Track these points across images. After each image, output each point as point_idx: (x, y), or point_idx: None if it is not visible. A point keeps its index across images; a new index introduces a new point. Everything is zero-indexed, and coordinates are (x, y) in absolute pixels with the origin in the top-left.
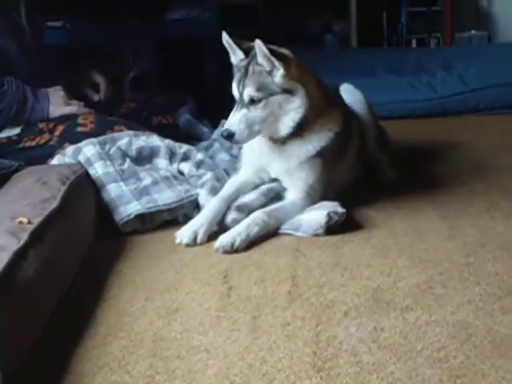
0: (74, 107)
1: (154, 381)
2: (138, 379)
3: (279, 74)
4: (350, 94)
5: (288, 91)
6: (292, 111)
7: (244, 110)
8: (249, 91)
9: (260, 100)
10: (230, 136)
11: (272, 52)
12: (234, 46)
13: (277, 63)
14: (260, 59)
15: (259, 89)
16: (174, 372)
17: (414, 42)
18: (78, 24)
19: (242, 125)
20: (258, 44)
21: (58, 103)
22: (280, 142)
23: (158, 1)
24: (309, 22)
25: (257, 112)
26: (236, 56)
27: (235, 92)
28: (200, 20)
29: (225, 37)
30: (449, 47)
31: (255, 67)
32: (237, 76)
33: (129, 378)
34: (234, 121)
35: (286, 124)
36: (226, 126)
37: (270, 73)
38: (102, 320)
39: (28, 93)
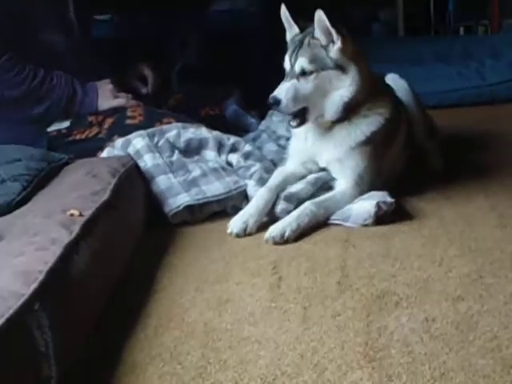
0: (122, 100)
1: (206, 371)
2: (190, 370)
3: (336, 47)
4: (395, 83)
5: (340, 68)
6: (342, 89)
7: (294, 81)
8: (301, 62)
9: (311, 73)
10: (276, 103)
11: (332, 25)
12: (291, 21)
13: (335, 36)
14: (318, 32)
15: (312, 61)
16: (226, 363)
17: (461, 29)
18: (125, 17)
19: (290, 94)
20: (319, 15)
21: (106, 96)
22: (328, 127)
23: None
24: (356, 10)
25: (306, 84)
26: (291, 31)
27: (287, 64)
28: (246, 11)
29: (283, 10)
30: (497, 34)
31: (311, 40)
32: (291, 48)
33: (180, 368)
34: (283, 89)
35: (335, 102)
36: (273, 94)
37: (325, 47)
38: (152, 311)
39: (77, 86)
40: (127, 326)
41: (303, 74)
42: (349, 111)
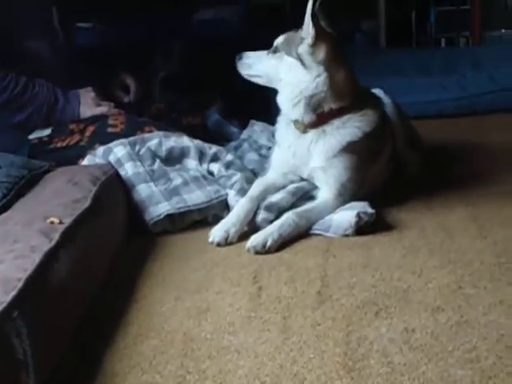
0: (104, 108)
1: (185, 381)
2: (169, 379)
3: (305, 43)
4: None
5: (304, 63)
6: (300, 84)
7: (265, 53)
8: (278, 39)
9: (279, 52)
10: (240, 57)
11: (315, 22)
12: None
13: (311, 31)
14: (304, 25)
15: (284, 43)
16: (205, 372)
17: (443, 41)
18: (107, 25)
19: (254, 59)
20: (309, 3)
21: (88, 104)
22: (302, 130)
23: (187, 2)
24: (337, 21)
25: (270, 59)
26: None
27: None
28: (228, 20)
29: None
30: (478, 46)
31: (299, 30)
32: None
33: (160, 378)
34: (253, 54)
35: (292, 93)
36: (245, 52)
37: (301, 39)
38: (132, 320)
39: (59, 94)
40: (107, 334)
41: (275, 51)
42: (320, 118)
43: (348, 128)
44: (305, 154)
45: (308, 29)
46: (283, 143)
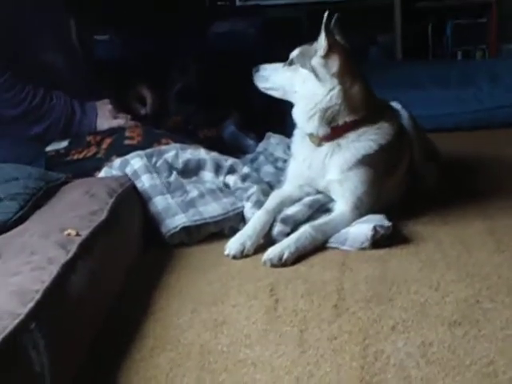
0: (121, 120)
1: None
2: None
3: (318, 55)
4: None
5: (318, 76)
6: (314, 96)
7: (281, 65)
8: (294, 52)
9: (294, 64)
10: (257, 69)
11: (329, 34)
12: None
13: (324, 43)
14: (319, 37)
15: (299, 55)
16: None
17: (459, 53)
18: (124, 38)
19: (271, 70)
20: (324, 19)
21: (105, 116)
22: (317, 143)
23: (203, 15)
24: (353, 34)
25: (285, 72)
26: None
27: None
28: (245, 33)
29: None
30: (495, 59)
31: (315, 42)
32: None
33: None
34: (270, 66)
35: (303, 105)
36: (263, 65)
37: (315, 51)
38: (149, 332)
39: (76, 106)
40: (123, 346)
41: (290, 63)
42: (334, 131)
43: (363, 141)
44: (320, 166)
45: (321, 41)
46: (299, 156)
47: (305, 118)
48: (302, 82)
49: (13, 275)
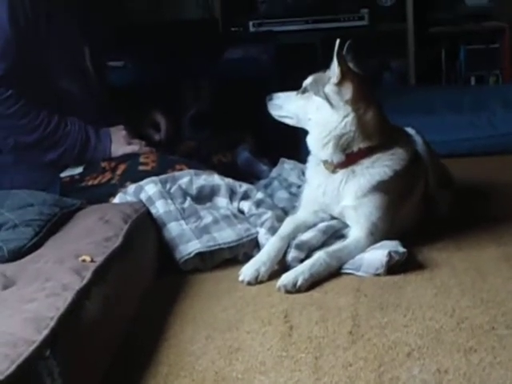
0: (135, 146)
1: None
2: None
3: (331, 82)
4: None
5: (331, 104)
6: (328, 124)
7: (294, 93)
8: (307, 80)
9: (308, 92)
10: (270, 98)
11: (341, 62)
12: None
13: (336, 70)
14: (332, 64)
15: (312, 83)
16: None
17: (472, 79)
18: (138, 64)
19: (283, 99)
20: (336, 46)
21: (120, 142)
22: (331, 170)
23: (217, 41)
24: (366, 60)
25: (299, 100)
26: None
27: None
28: (258, 60)
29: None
30: (508, 84)
31: (326, 71)
32: None
33: None
34: (283, 95)
35: (321, 134)
36: (276, 93)
37: (329, 79)
38: (163, 359)
39: (90, 132)
40: (137, 373)
41: (304, 91)
42: (349, 158)
43: (377, 167)
44: (335, 193)
45: (334, 68)
46: (313, 182)
47: (319, 146)
48: (316, 110)
49: (28, 302)
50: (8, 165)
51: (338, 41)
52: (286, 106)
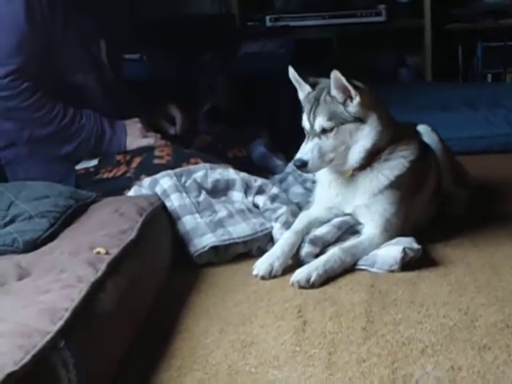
0: (150, 139)
1: None
2: None
3: (355, 102)
4: (424, 135)
5: (359, 119)
6: (362, 139)
7: (316, 140)
8: (320, 121)
9: (331, 129)
10: (303, 165)
11: (348, 81)
12: (301, 80)
13: (353, 92)
14: (334, 91)
15: (330, 118)
16: None
17: (489, 76)
18: (154, 57)
19: (315, 153)
20: (335, 74)
21: (135, 135)
22: (350, 175)
23: (233, 35)
24: (383, 55)
25: (328, 141)
26: (303, 90)
27: (306, 123)
28: (274, 54)
29: (291, 71)
30: None
31: (327, 97)
32: (307, 107)
33: None
34: (307, 150)
35: (357, 153)
36: (298, 156)
37: (343, 102)
38: (176, 352)
39: (106, 125)
40: (151, 365)
41: (324, 131)
42: (370, 158)
43: (394, 160)
44: (349, 193)
45: (345, 90)
46: (325, 183)
47: (355, 161)
48: (350, 137)
49: (43, 293)
50: (23, 157)
51: (336, 72)
52: (324, 158)
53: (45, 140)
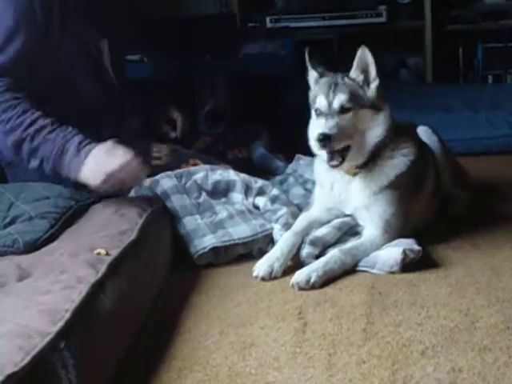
0: (120, 159)
1: None
2: None
3: (373, 86)
4: (424, 136)
5: (375, 107)
6: (375, 128)
7: (336, 118)
8: (341, 99)
9: (349, 110)
10: (326, 138)
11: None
12: (310, 66)
13: (373, 74)
14: (355, 72)
15: (351, 98)
16: None
17: (490, 77)
18: (155, 58)
19: (337, 130)
20: (364, 51)
21: (96, 162)
22: (353, 173)
23: (234, 36)
24: (383, 56)
25: (346, 121)
26: (312, 74)
27: (322, 103)
28: (275, 55)
29: (306, 55)
30: None
31: (346, 79)
32: (324, 88)
33: None
34: (329, 125)
35: (369, 142)
36: (322, 130)
37: (362, 86)
38: (177, 353)
39: (72, 147)
40: (151, 367)
41: (342, 111)
42: (373, 157)
43: (396, 158)
44: (349, 194)
45: (366, 72)
46: (324, 184)
47: (366, 152)
48: (365, 121)
49: (43, 294)
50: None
51: (364, 48)
52: (344, 135)
53: (13, 149)
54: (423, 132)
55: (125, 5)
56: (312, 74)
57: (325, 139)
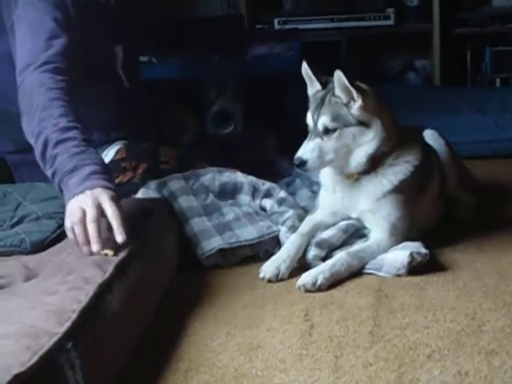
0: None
1: None
2: None
3: (357, 105)
4: (431, 139)
5: (363, 123)
6: (365, 144)
7: (317, 140)
8: (323, 120)
9: (334, 130)
10: (301, 164)
11: (351, 83)
12: (313, 76)
13: (355, 94)
14: (338, 90)
15: (334, 119)
16: None
17: (498, 81)
18: (163, 59)
19: (315, 153)
20: (338, 74)
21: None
22: (354, 179)
23: (242, 37)
24: (391, 59)
25: (330, 142)
26: (313, 87)
27: (309, 121)
28: (283, 56)
29: (304, 67)
30: None
31: (332, 98)
32: (312, 106)
33: None
34: (307, 149)
35: (359, 157)
36: (298, 154)
37: (346, 104)
38: (183, 355)
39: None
40: (157, 368)
41: (326, 132)
42: (374, 163)
43: (399, 165)
44: (353, 197)
45: (347, 92)
46: (329, 188)
47: (358, 165)
48: (353, 139)
49: (50, 294)
50: (28, 163)
51: (338, 72)
52: (323, 158)
53: (41, 148)
54: (430, 135)
55: (137, 8)
56: (313, 87)
57: (300, 164)
